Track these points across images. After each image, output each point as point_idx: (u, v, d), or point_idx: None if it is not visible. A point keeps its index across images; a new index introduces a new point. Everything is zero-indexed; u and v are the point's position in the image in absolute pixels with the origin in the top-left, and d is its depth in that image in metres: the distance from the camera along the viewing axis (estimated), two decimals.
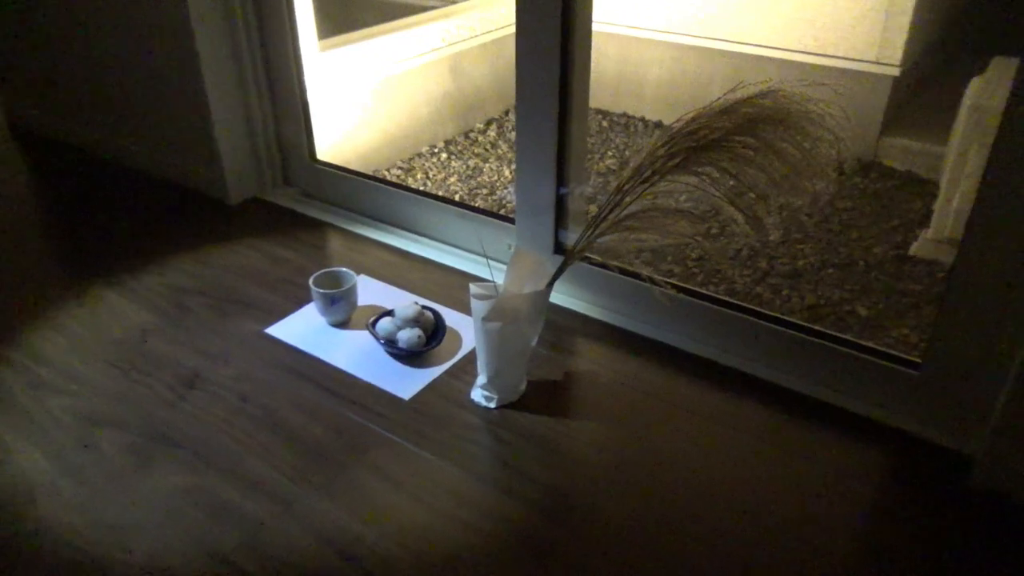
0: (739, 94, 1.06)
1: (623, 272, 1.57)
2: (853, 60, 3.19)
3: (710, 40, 3.49)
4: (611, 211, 1.19)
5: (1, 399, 1.42)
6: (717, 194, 1.07)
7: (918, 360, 1.31)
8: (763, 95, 1.03)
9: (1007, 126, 1.08)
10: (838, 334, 1.40)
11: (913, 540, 1.14)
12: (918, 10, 3.00)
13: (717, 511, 1.18)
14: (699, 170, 1.08)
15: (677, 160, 1.08)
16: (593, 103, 3.84)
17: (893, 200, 2.89)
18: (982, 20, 3.78)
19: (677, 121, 1.10)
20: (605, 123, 3.72)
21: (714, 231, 2.58)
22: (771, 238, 2.45)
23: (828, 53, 3.22)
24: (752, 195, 1.03)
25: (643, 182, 1.14)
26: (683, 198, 1.17)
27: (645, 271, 1.18)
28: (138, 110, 2.23)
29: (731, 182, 1.05)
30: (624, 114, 3.79)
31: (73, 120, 2.47)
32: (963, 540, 1.14)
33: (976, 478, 1.21)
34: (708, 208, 1.13)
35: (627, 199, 1.17)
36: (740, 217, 1.10)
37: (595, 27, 1.51)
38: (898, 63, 3.07)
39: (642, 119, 3.74)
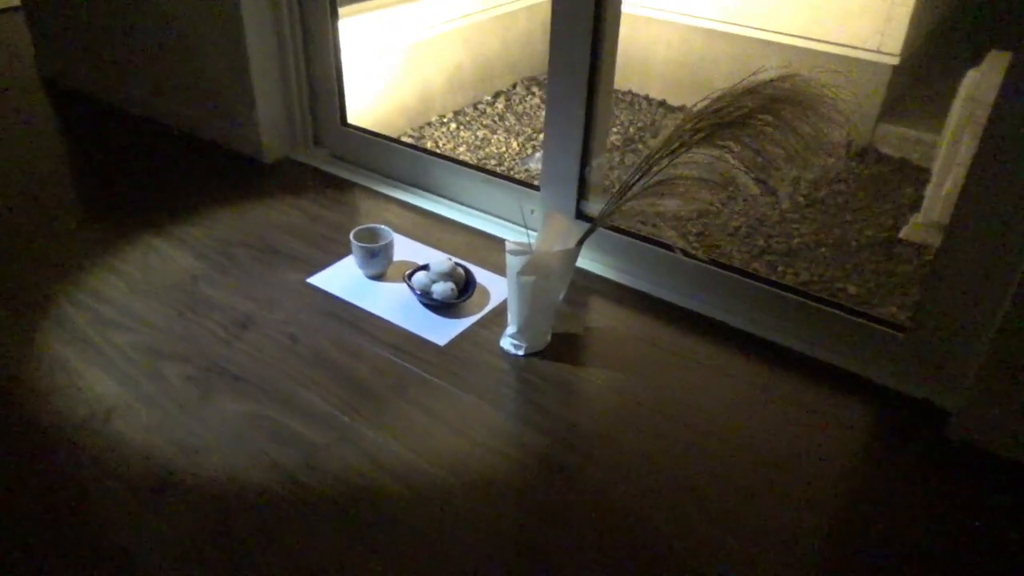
0: (761, 77, 1.19)
1: (642, 239, 1.71)
2: (855, 48, 3.30)
3: (717, 23, 3.58)
4: (640, 179, 1.32)
5: (70, 333, 1.55)
6: (739, 166, 1.21)
7: (904, 324, 1.46)
8: (783, 79, 1.16)
9: (996, 118, 1.21)
10: (833, 299, 1.55)
11: (891, 482, 1.30)
12: (919, 1, 3.11)
13: (717, 446, 1.34)
14: (722, 143, 1.21)
15: (703, 134, 1.21)
16: None
17: (887, 185, 3.02)
18: (980, 14, 3.90)
19: (704, 99, 1.23)
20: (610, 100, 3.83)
21: (732, 199, 2.68)
22: (784, 207, 2.57)
23: (831, 40, 3.33)
24: (770, 167, 1.16)
25: (670, 153, 1.27)
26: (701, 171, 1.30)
27: (669, 234, 1.31)
28: (179, 70, 2.33)
29: (752, 156, 1.18)
30: (629, 91, 3.88)
31: (114, 79, 2.56)
32: (938, 484, 1.30)
33: (952, 429, 1.37)
34: (726, 179, 1.26)
35: (655, 168, 1.30)
36: (755, 189, 1.24)
37: None
38: (898, 53, 3.18)
39: (646, 97, 3.84)
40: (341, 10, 2.79)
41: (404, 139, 3.19)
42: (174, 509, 1.19)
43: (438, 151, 3.06)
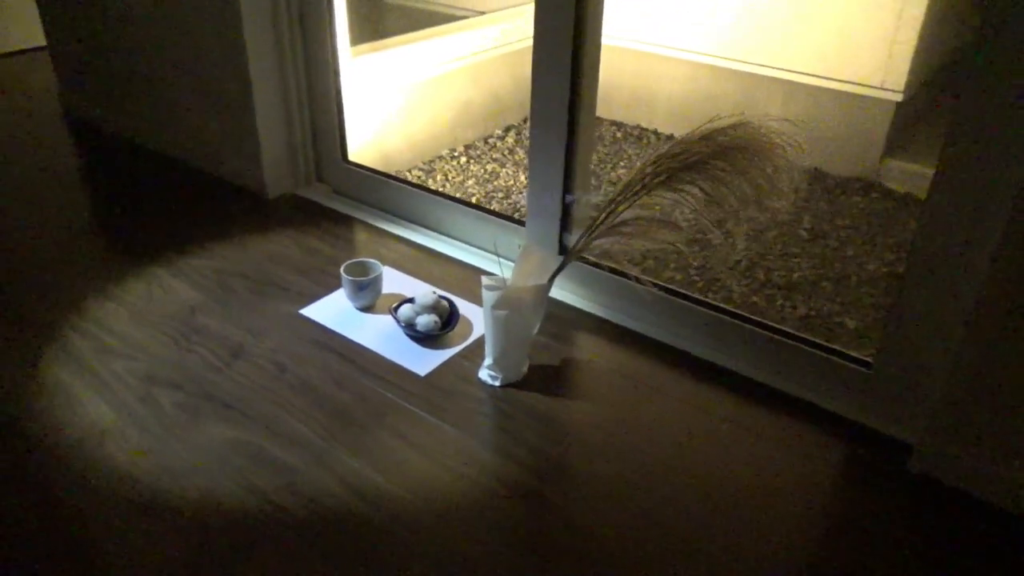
0: (716, 124, 1.25)
1: (616, 272, 1.77)
2: (859, 84, 3.34)
3: (723, 60, 3.65)
4: (606, 218, 1.39)
5: (73, 360, 1.64)
6: (696, 208, 1.27)
7: (870, 360, 1.50)
8: (735, 127, 1.22)
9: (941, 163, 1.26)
10: (801, 334, 1.59)
11: (854, 514, 1.33)
12: (923, 39, 3.16)
13: (684, 478, 1.38)
14: (680, 188, 1.28)
15: (662, 178, 1.28)
16: (608, 115, 4.01)
17: (890, 220, 3.04)
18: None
19: (662, 145, 1.30)
20: (619, 134, 3.90)
21: (699, 239, 2.73)
22: (739, 247, 2.60)
23: (835, 77, 3.38)
24: (724, 210, 1.22)
25: (633, 195, 1.33)
26: (676, 212, 1.36)
27: (632, 271, 1.37)
28: (187, 108, 2.45)
29: (706, 199, 1.24)
30: (637, 126, 3.96)
31: (127, 115, 2.70)
32: (898, 516, 1.33)
33: (913, 463, 1.40)
34: (690, 221, 1.32)
35: (620, 208, 1.36)
36: (716, 228, 1.30)
37: (614, 42, 1.68)
38: (901, 89, 3.22)
39: (655, 132, 3.91)
40: (355, 48, 2.91)
41: (415, 172, 3.29)
42: (158, 529, 1.26)
43: (433, 187, 3.15)
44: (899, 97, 3.23)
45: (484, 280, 1.51)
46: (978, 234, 1.25)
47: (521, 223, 1.95)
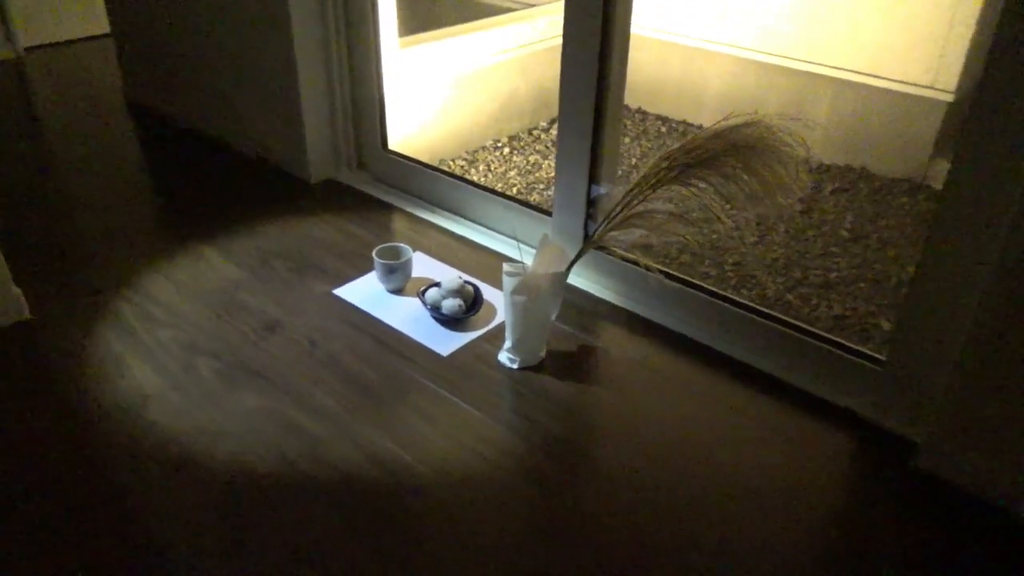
0: (730, 122, 1.29)
1: (633, 263, 1.81)
2: (909, 84, 3.29)
3: (771, 56, 3.63)
4: (622, 210, 1.44)
5: (122, 328, 1.76)
6: (708, 202, 1.31)
7: (882, 358, 1.52)
8: (747, 125, 1.26)
9: (955, 163, 1.28)
10: (815, 330, 1.61)
11: (859, 509, 1.36)
12: (976, 39, 3.09)
13: (693, 467, 1.42)
14: (691, 183, 1.32)
15: (675, 173, 1.32)
16: (655, 109, 4.03)
17: None
18: None
19: (677, 142, 1.34)
20: (664, 128, 3.91)
21: (715, 233, 2.73)
22: (748, 240, 2.59)
23: (884, 75, 3.34)
24: (734, 204, 1.26)
25: (648, 188, 1.38)
26: (690, 205, 1.40)
27: (643, 261, 1.42)
28: (238, 96, 2.57)
29: (717, 193, 1.28)
30: (683, 121, 3.95)
31: (183, 101, 2.84)
32: (902, 513, 1.35)
33: (918, 462, 1.42)
34: (702, 214, 1.36)
35: (635, 201, 1.41)
36: (728, 222, 1.34)
37: (662, 37, 1.71)
38: (952, 89, 3.17)
39: (700, 127, 3.91)
40: (404, 39, 2.99)
41: (459, 162, 3.36)
42: (190, 485, 1.36)
43: (475, 177, 3.22)
44: (950, 97, 3.18)
45: (505, 267, 1.57)
46: (989, 233, 1.27)
47: (548, 213, 2.00)
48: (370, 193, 2.40)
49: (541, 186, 3.23)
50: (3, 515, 1.31)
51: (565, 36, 1.74)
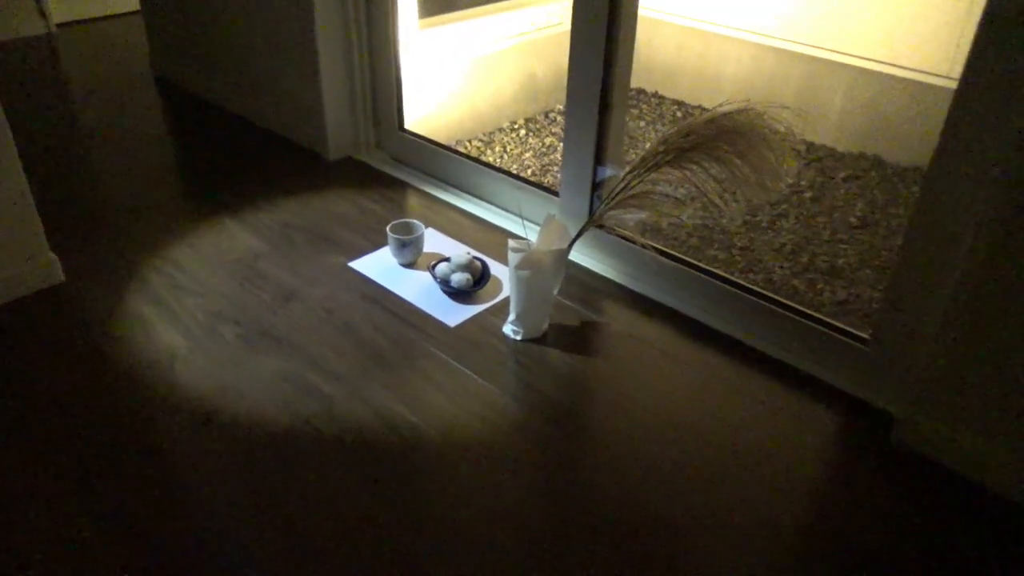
0: (723, 108, 1.36)
1: (631, 241, 1.89)
2: (924, 72, 3.31)
3: (788, 42, 3.65)
4: (620, 191, 1.51)
5: (150, 294, 1.87)
6: (699, 185, 1.38)
7: (867, 336, 1.59)
8: (739, 112, 1.33)
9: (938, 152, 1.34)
10: (804, 308, 1.69)
11: (839, 481, 1.44)
12: None
13: (684, 436, 1.51)
14: (687, 166, 1.39)
15: (670, 157, 1.40)
16: (672, 94, 4.06)
17: None
18: None
19: (673, 127, 1.41)
20: (680, 113, 3.95)
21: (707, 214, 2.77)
22: (737, 223, 2.63)
23: (900, 64, 3.36)
24: (724, 187, 1.33)
25: (646, 171, 1.46)
26: (681, 189, 1.48)
27: (639, 239, 1.49)
28: (261, 74, 2.67)
29: (709, 177, 1.36)
30: (699, 106, 3.98)
31: (209, 79, 2.94)
32: (880, 486, 1.43)
33: (895, 437, 1.49)
34: (694, 195, 1.43)
35: (634, 182, 1.49)
36: (719, 202, 1.41)
37: (681, 21, 1.76)
38: None
39: None
40: (424, 20, 3.06)
41: (475, 142, 3.43)
42: (213, 441, 1.47)
43: (491, 158, 3.28)
44: None
45: (510, 243, 1.66)
46: (970, 215, 1.33)
47: (556, 194, 2.08)
48: (386, 171, 2.49)
49: (555, 168, 3.29)
50: (43, 462, 1.42)
51: (574, 19, 1.81)
